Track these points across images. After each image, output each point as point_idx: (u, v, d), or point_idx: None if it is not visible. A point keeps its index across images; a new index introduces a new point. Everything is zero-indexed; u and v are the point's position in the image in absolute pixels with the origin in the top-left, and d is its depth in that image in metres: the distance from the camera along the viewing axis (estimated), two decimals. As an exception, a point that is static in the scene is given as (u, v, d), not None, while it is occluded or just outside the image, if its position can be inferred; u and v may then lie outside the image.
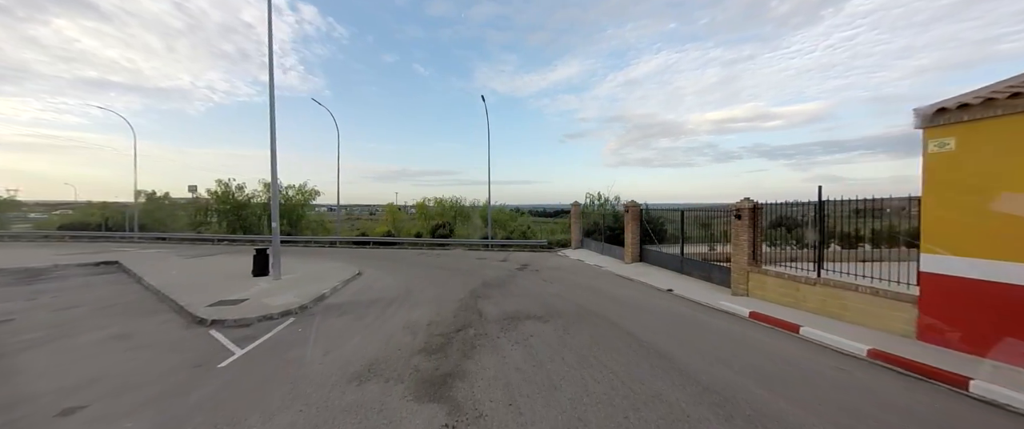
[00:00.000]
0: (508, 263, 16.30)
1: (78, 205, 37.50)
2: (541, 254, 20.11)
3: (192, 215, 28.70)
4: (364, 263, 16.20)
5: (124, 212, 27.36)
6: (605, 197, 27.88)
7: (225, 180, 27.54)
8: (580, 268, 14.99)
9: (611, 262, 15.97)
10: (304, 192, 29.07)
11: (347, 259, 17.54)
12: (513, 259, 17.67)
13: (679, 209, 13.61)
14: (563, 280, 12.23)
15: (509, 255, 19.46)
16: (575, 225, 21.55)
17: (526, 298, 9.56)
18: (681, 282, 11.45)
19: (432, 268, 14.84)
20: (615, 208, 21.73)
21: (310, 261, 16.33)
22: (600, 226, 21.51)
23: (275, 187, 11.76)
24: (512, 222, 29.51)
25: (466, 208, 30.89)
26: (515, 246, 22.40)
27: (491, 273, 13.55)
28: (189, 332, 6.97)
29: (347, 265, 14.78)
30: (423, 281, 11.99)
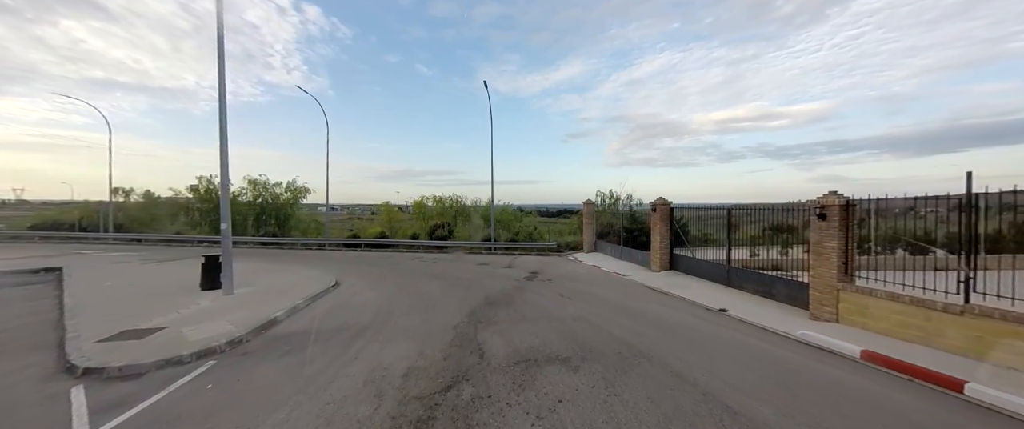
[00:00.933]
0: (514, 270, 13.88)
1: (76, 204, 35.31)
2: (550, 259, 17.68)
3: (172, 215, 26.41)
4: (348, 270, 13.82)
5: (98, 212, 25.08)
6: (616, 196, 25.48)
7: (206, 176, 25.27)
8: (600, 277, 12.55)
9: (634, 270, 13.52)
10: (293, 190, 26.76)
11: (331, 264, 15.17)
12: (520, 265, 15.26)
13: (715, 208, 11.16)
14: (584, 294, 9.80)
15: (515, 260, 17.05)
16: (587, 226, 19.11)
17: (542, 324, 7.13)
18: (732, 298, 9.00)
19: (425, 277, 12.43)
20: (632, 208, 19.27)
21: (284, 268, 13.96)
22: (615, 227, 19.08)
23: (225, 177, 9.41)
24: (516, 222, 27.08)
25: (467, 207, 28.50)
26: (521, 249, 19.99)
27: (495, 284, 11.13)
28: (39, 391, 4.58)
29: (325, 274, 12.39)
30: (411, 296, 9.59)
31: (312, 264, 15.20)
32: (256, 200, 25.57)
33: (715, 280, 10.74)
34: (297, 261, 16.29)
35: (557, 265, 15.35)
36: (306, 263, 15.56)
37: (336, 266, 14.83)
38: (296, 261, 16.30)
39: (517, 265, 15.26)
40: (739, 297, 9.19)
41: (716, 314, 8.02)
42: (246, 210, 24.89)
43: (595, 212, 19.59)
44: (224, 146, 9.16)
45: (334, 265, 15.10)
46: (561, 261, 16.63)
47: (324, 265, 14.97)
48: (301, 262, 15.90)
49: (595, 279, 12.20)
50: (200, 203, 25.56)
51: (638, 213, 18.77)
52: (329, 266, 14.68)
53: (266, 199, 25.56)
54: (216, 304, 8.18)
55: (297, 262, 15.88)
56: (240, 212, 24.96)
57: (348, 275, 12.71)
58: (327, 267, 14.37)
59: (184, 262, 15.30)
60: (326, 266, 14.64)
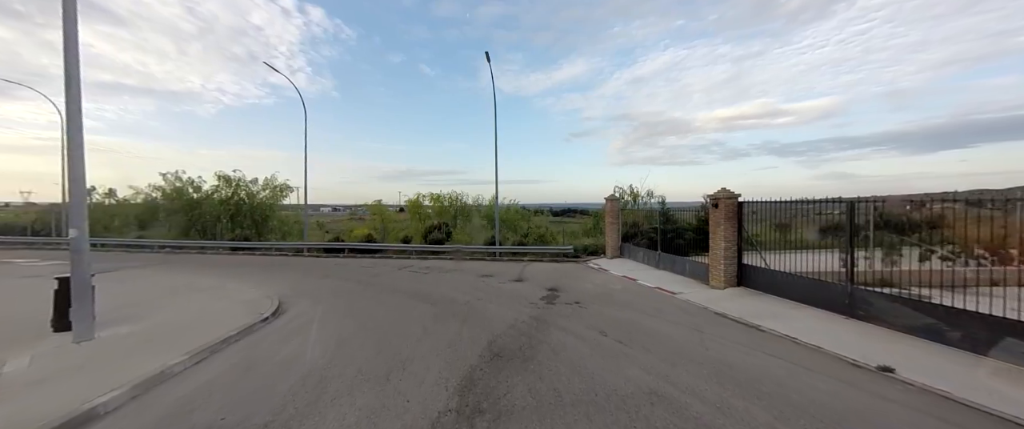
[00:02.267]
0: (527, 286, 10.43)
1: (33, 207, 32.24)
2: (568, 267, 14.22)
3: (132, 217, 23.10)
4: (309, 287, 10.41)
5: (51, 214, 21.82)
6: (636, 192, 21.99)
7: (174, 173, 21.97)
8: (645, 298, 9.06)
9: (684, 284, 10.03)
10: (273, 188, 23.40)
11: (293, 277, 11.79)
12: (532, 276, 11.80)
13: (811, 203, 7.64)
14: (638, 332, 6.34)
15: (525, 269, 13.59)
16: (611, 227, 15.60)
17: (598, 418, 3.69)
18: (879, 341, 5.53)
19: (409, 298, 9.00)
20: (664, 206, 15.75)
21: (219, 284, 10.58)
22: (642, 228, 15.63)
23: (78, 171, 6.02)
24: (523, 222, 23.63)
25: (468, 206, 25.09)
26: (531, 254, 16.54)
27: (503, 313, 7.68)
28: None
29: (270, 293, 8.98)
30: (377, 340, 6.16)
31: (267, 277, 11.82)
32: (232, 198, 22.24)
33: (822, 305, 7.24)
34: (252, 273, 12.91)
35: (580, 277, 11.88)
36: (261, 276, 12.18)
37: (298, 280, 11.43)
38: (251, 273, 12.92)
39: (529, 277, 11.79)
40: (888, 338, 5.72)
41: (882, 379, 4.55)
42: (219, 210, 21.56)
43: (620, 210, 16.05)
44: (74, 108, 5.79)
45: (296, 279, 11.70)
46: (583, 271, 13.15)
47: (282, 278, 11.58)
48: (256, 274, 12.52)
49: (640, 301, 8.73)
50: (168, 203, 22.27)
51: (672, 212, 15.29)
52: (288, 280, 11.30)
53: (242, 198, 22.22)
54: (32, 368, 4.78)
55: (250, 275, 12.49)
56: (212, 212, 21.65)
57: (303, 296, 9.29)
58: (284, 282, 10.98)
59: (105, 277, 11.94)
60: (284, 280, 11.26)
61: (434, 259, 16.58)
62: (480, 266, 14.38)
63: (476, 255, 17.00)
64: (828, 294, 7.16)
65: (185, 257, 17.59)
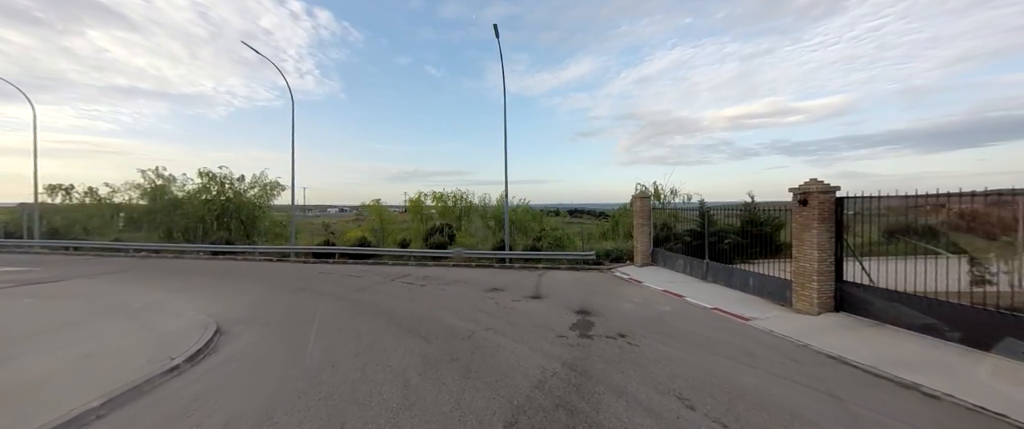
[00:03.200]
0: (548, 305, 8.04)
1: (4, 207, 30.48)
2: (592, 277, 11.83)
3: (108, 217, 21.11)
4: (271, 307, 8.12)
5: (21, 215, 19.90)
6: (660, 189, 19.54)
7: (154, 169, 19.93)
8: (712, 327, 6.62)
9: (753, 305, 7.57)
10: (263, 185, 21.27)
11: (260, 291, 9.53)
12: (552, 290, 9.41)
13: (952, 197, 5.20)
14: (743, 399, 3.94)
15: (542, 278, 11.21)
16: (641, 230, 13.13)
17: None
18: None
19: (393, 327, 6.66)
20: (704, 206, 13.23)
21: (173, 298, 8.36)
22: (674, 231, 13.20)
23: None
24: (535, 223, 21.24)
25: (474, 207, 22.75)
26: (546, 260, 14.17)
27: (522, 357, 5.31)
28: None
29: (206, 324, 6.68)
30: (325, 417, 3.81)
31: (230, 290, 9.58)
32: (217, 198, 20.15)
33: (977, 342, 4.76)
34: (215, 284, 10.68)
35: (612, 292, 9.46)
36: (222, 288, 9.94)
37: (264, 295, 9.17)
38: (214, 284, 10.69)
39: (549, 291, 9.40)
40: None
41: None
42: (201, 210, 19.46)
43: (651, 210, 13.54)
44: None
45: (263, 292, 9.44)
46: (612, 283, 10.74)
47: (247, 292, 9.32)
48: (218, 286, 10.29)
49: (707, 333, 6.30)
50: (148, 202, 20.24)
51: (712, 212, 12.79)
52: (252, 295, 9.04)
53: (228, 197, 20.12)
54: None
55: (212, 286, 10.26)
56: (194, 213, 19.56)
57: (255, 321, 7.00)
58: (245, 297, 8.72)
59: (34, 290, 9.81)
60: (247, 295, 9.00)
61: (435, 266, 14.26)
62: (487, 275, 12.02)
63: (483, 261, 14.66)
64: (994, 328, 4.68)
65: (157, 263, 15.47)
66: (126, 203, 20.82)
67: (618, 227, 20.74)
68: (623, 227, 20.64)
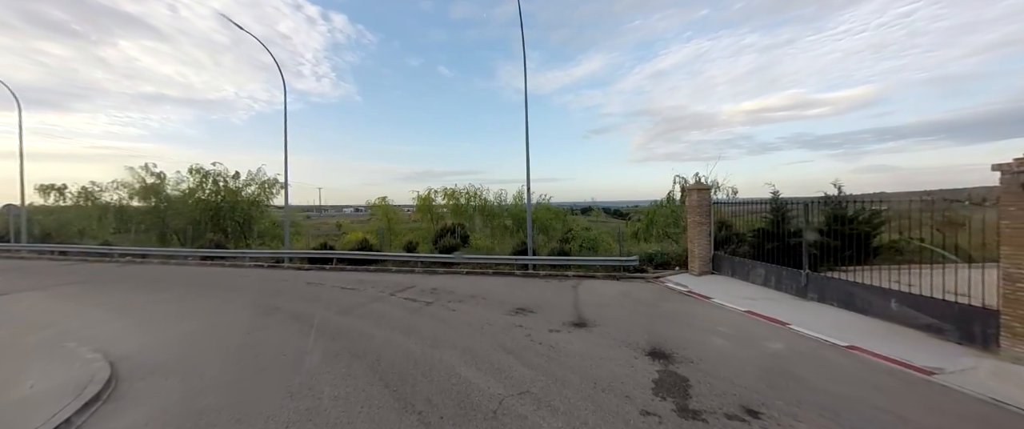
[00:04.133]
0: (603, 342, 5.53)
1: None
2: (641, 289, 9.29)
3: (97, 219, 19.50)
4: (218, 341, 5.84)
5: (7, 217, 18.45)
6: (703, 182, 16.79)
7: (144, 165, 18.20)
8: (887, 391, 3.99)
9: (915, 344, 4.92)
10: (260, 183, 19.34)
11: (222, 312, 7.31)
12: (598, 313, 6.89)
13: None
14: None
15: (578, 292, 8.72)
16: (698, 231, 10.43)
17: None
18: None
19: (374, 385, 4.29)
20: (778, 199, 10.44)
21: (111, 322, 6.21)
22: (735, 231, 10.52)
23: None
24: (556, 222, 18.74)
25: (489, 205, 20.36)
26: (577, 267, 11.67)
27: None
28: None
29: (93, 373, 4.42)
30: None
31: (186, 309, 7.39)
32: (214, 196, 18.31)
33: None
34: (173, 301, 8.52)
35: (681, 314, 6.89)
36: (177, 307, 7.77)
37: (224, 317, 6.93)
38: (172, 300, 8.52)
39: (595, 315, 6.89)
40: None
41: None
42: (194, 211, 17.62)
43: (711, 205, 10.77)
44: None
45: (225, 313, 7.21)
46: (672, 299, 8.15)
47: (203, 313, 7.10)
48: (174, 303, 8.12)
49: (876, 399, 3.72)
50: (139, 202, 18.55)
51: (788, 207, 10.02)
52: (210, 317, 6.82)
53: (222, 196, 18.25)
54: None
55: (168, 303, 8.09)
56: (186, 213, 17.74)
57: (178, 368, 4.73)
58: (196, 321, 6.50)
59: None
60: (199, 320, 6.78)
61: (445, 273, 11.93)
62: (508, 287, 9.58)
63: (502, 268, 12.24)
64: None
65: (135, 271, 13.60)
66: (114, 204, 19.21)
67: (651, 227, 18.05)
68: (657, 227, 17.96)
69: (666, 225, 17.55)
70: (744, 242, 10.34)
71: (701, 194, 10.39)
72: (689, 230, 10.65)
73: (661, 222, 17.60)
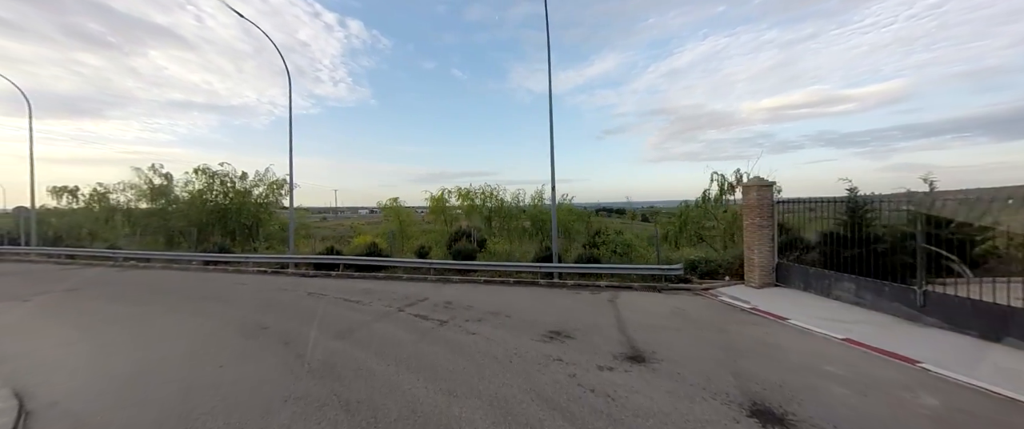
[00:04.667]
0: (675, 389, 4.05)
1: None
2: (691, 304, 7.77)
3: (104, 221, 18.94)
4: (189, 366, 4.57)
5: (19, 220, 18.04)
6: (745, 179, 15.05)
7: (151, 166, 17.53)
8: None
9: None
10: (269, 184, 18.47)
11: (202, 327, 6.11)
12: (653, 340, 5.40)
13: None
14: None
15: (619, 309, 7.23)
16: (759, 234, 8.77)
17: None
18: None
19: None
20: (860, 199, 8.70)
21: (65, 344, 5.03)
22: (797, 235, 8.82)
23: None
24: (579, 224, 17.23)
25: (507, 206, 18.98)
26: (610, 276, 10.20)
27: None
28: None
29: None
30: None
31: (163, 328, 6.22)
32: (220, 198, 17.51)
33: None
34: (157, 313, 7.37)
35: (756, 343, 5.34)
36: (162, 319, 6.62)
37: (200, 340, 5.71)
38: (158, 313, 7.38)
39: (649, 342, 5.39)
40: None
41: None
42: (200, 213, 16.81)
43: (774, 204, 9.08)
44: None
45: (202, 334, 5.99)
46: (735, 318, 6.58)
47: (175, 335, 5.91)
48: (159, 317, 6.97)
49: None
50: (147, 203, 17.89)
51: (867, 208, 8.28)
52: (182, 341, 5.61)
53: (230, 197, 17.42)
54: None
55: (142, 319, 6.94)
56: (193, 215, 16.96)
57: (136, 411, 3.46)
58: (162, 347, 5.29)
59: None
60: (176, 339, 5.58)
61: (461, 282, 10.61)
62: (534, 300, 8.17)
63: (523, 276, 10.85)
64: None
65: (133, 276, 12.75)
66: (121, 206, 18.62)
67: (684, 229, 16.36)
68: (689, 230, 16.27)
69: (700, 227, 15.90)
70: (811, 248, 8.67)
71: (762, 192, 8.74)
72: (746, 234, 9.02)
73: (694, 224, 15.93)
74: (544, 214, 17.49)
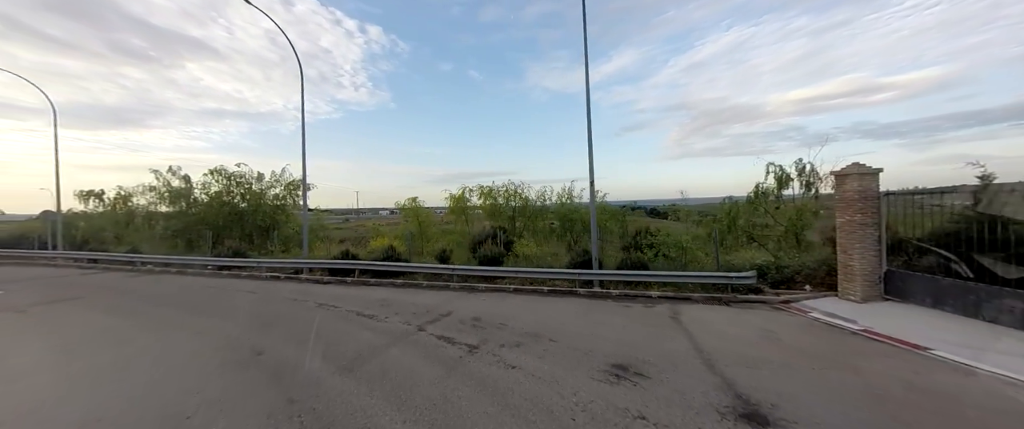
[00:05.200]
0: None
1: None
2: (781, 325, 6.12)
3: (124, 225, 18.71)
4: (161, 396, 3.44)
5: (46, 224, 18.02)
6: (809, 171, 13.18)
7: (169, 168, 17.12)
8: None
9: None
10: (286, 184, 17.76)
11: (186, 347, 4.98)
12: (750, 379, 3.86)
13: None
14: None
15: (689, 331, 5.68)
16: (861, 235, 7.00)
17: None
18: None
19: None
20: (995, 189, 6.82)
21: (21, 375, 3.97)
22: (916, 239, 7.00)
23: None
24: (613, 223, 15.63)
25: (532, 205, 17.57)
26: (661, 285, 8.63)
27: None
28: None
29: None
30: None
31: (145, 347, 5.13)
32: (236, 200, 16.92)
33: None
34: (148, 330, 6.35)
35: (918, 391, 3.71)
36: (144, 339, 5.55)
37: (176, 369, 4.56)
38: (149, 329, 6.36)
39: (762, 391, 3.86)
40: None
41: None
42: (218, 216, 16.23)
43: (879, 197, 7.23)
44: None
45: (198, 352, 4.87)
46: (852, 345, 4.92)
47: (167, 355, 4.77)
48: (144, 335, 5.92)
49: None
50: (166, 206, 17.52)
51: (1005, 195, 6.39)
52: (158, 369, 4.46)
53: (247, 199, 16.79)
54: None
55: (124, 343, 5.89)
56: (210, 218, 16.41)
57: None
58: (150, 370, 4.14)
59: None
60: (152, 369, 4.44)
61: (488, 291, 9.30)
62: (580, 318, 6.73)
63: (557, 284, 9.43)
64: None
65: (141, 282, 12.11)
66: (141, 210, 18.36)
67: (734, 227, 14.49)
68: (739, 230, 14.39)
69: (749, 227, 14.03)
70: (926, 252, 6.84)
71: (864, 181, 6.95)
72: (841, 234, 7.25)
73: (746, 222, 14.05)
74: (573, 213, 16.00)
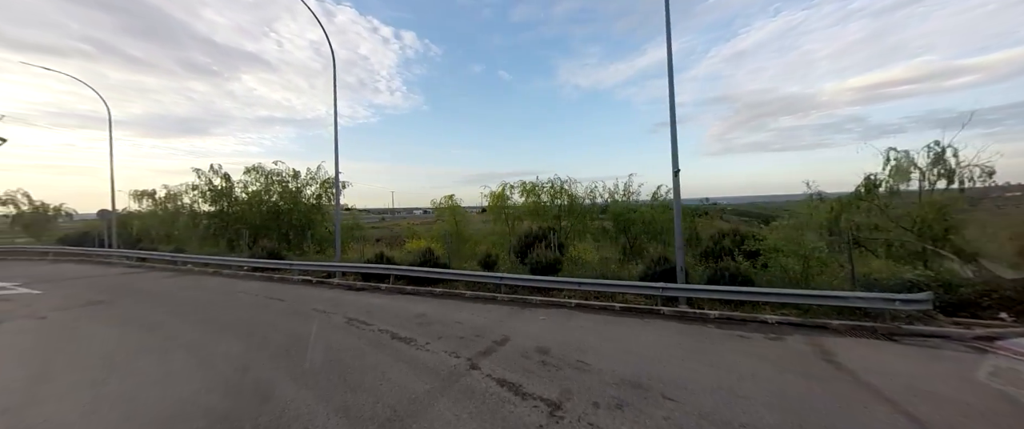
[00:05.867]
0: None
1: None
2: (1004, 379, 3.83)
3: (170, 223, 18.84)
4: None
5: (105, 222, 18.52)
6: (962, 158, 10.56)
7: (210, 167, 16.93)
8: None
9: None
10: (321, 182, 17.06)
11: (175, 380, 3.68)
12: None
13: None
14: None
15: (870, 386, 3.63)
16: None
17: None
18: None
19: None
20: None
21: None
22: None
23: None
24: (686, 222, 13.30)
25: (578, 204, 15.68)
26: (779, 304, 6.48)
27: None
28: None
29: None
30: None
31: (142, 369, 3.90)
32: (271, 199, 16.42)
33: None
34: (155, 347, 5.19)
35: None
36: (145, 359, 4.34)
37: (179, 411, 3.28)
38: (158, 346, 5.21)
39: None
40: None
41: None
42: (256, 215, 15.77)
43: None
44: None
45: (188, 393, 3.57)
46: None
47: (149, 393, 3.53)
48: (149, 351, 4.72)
49: None
50: (209, 205, 17.40)
51: None
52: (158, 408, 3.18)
53: (284, 198, 16.25)
54: None
55: (131, 358, 4.72)
56: (249, 217, 15.99)
57: None
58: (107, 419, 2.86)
59: None
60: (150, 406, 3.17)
61: (542, 305, 7.60)
62: (686, 355, 4.85)
63: (628, 300, 7.55)
64: None
65: (174, 284, 11.57)
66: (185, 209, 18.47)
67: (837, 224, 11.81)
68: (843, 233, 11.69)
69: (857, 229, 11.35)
70: None
71: None
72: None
73: (864, 219, 11.35)
74: (630, 211, 13.92)
